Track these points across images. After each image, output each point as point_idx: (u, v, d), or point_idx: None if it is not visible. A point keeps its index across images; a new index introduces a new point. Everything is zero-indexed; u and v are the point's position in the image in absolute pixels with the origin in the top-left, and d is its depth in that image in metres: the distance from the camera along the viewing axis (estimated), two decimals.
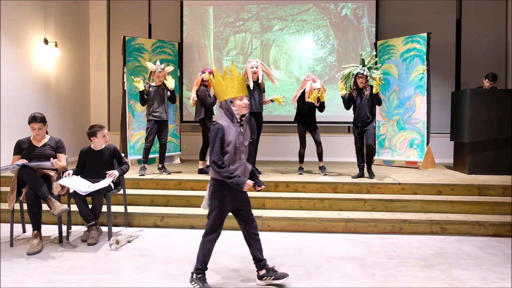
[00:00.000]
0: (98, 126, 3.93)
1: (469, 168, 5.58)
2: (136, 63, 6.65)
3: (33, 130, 3.75)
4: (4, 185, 4.76)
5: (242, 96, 2.63)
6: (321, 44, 7.54)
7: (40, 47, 6.37)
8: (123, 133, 6.60)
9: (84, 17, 7.76)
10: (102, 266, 3.16)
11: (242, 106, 2.62)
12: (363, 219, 4.12)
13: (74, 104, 7.44)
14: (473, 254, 3.47)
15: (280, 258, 3.33)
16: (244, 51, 7.67)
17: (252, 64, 5.15)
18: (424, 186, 4.68)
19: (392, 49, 6.60)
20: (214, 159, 2.58)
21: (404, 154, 6.40)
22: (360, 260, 3.30)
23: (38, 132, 3.76)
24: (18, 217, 4.11)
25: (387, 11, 7.47)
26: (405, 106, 6.40)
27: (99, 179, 3.81)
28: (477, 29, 7.28)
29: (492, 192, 4.61)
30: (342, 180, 4.84)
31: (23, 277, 2.95)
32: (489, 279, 2.93)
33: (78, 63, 7.56)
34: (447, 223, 4.05)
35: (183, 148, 7.52)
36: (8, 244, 3.67)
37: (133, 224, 4.28)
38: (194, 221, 4.24)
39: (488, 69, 6.71)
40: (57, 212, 3.46)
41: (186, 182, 4.95)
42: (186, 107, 7.72)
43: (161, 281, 2.89)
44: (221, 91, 2.64)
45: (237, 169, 2.62)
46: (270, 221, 4.16)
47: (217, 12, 7.68)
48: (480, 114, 5.56)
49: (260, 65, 5.19)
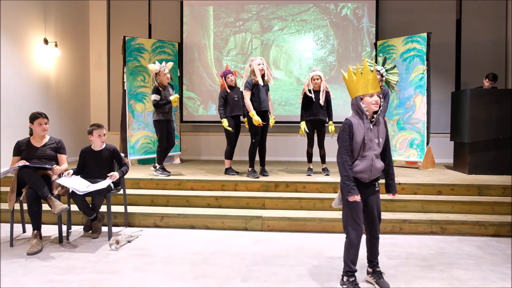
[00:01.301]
0: (96, 125, 3.94)
1: (469, 168, 5.58)
2: (136, 63, 6.66)
3: (39, 126, 3.74)
4: (4, 185, 4.76)
5: (373, 93, 2.61)
6: (321, 44, 7.54)
7: (40, 47, 6.37)
8: (123, 133, 6.60)
9: (84, 17, 7.76)
10: (102, 266, 3.16)
11: (371, 103, 2.61)
12: None
13: (74, 104, 7.44)
14: (473, 254, 3.47)
15: (280, 258, 3.33)
16: (244, 51, 7.67)
17: (258, 61, 5.08)
18: (424, 186, 4.68)
19: (392, 49, 6.60)
20: (340, 155, 2.65)
21: (404, 154, 6.40)
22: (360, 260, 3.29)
23: (44, 127, 3.76)
24: (18, 217, 4.11)
25: (387, 11, 7.47)
26: (405, 106, 6.40)
27: (98, 179, 3.81)
28: (477, 29, 7.28)
29: (492, 192, 4.61)
30: None
31: (23, 277, 2.95)
32: (489, 279, 2.93)
33: (78, 63, 7.56)
34: (447, 223, 4.05)
35: (183, 148, 7.52)
36: (8, 244, 3.67)
37: (133, 224, 4.28)
38: (194, 221, 4.24)
39: (488, 69, 6.72)
40: (57, 211, 3.46)
41: (186, 182, 4.95)
42: (186, 107, 7.73)
43: (161, 281, 2.89)
44: (352, 88, 2.68)
45: (360, 165, 2.63)
46: (270, 221, 4.16)
47: (217, 12, 7.68)
48: (480, 114, 5.56)
49: (265, 63, 5.18)
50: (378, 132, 2.68)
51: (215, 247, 3.63)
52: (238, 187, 4.87)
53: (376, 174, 2.69)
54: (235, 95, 5.37)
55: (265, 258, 3.34)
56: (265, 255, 3.41)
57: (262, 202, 4.51)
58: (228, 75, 5.35)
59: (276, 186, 4.82)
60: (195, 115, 7.70)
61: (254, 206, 4.50)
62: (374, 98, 2.61)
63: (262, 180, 4.89)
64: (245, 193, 4.72)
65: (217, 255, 3.42)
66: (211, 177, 5.13)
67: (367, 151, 2.63)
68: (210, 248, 3.60)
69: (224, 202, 4.54)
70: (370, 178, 2.67)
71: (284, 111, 7.49)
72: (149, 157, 6.71)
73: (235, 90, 5.43)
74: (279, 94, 7.53)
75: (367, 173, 2.65)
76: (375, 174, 2.68)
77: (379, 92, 2.63)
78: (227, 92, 5.32)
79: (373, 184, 2.73)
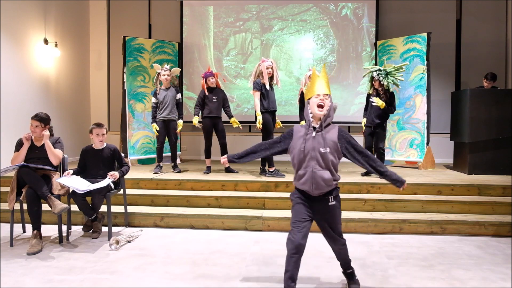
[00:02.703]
0: (95, 124, 3.95)
1: (469, 168, 5.58)
2: (136, 63, 6.66)
3: (30, 126, 3.75)
4: (4, 185, 4.76)
5: (319, 94, 2.48)
6: (321, 44, 7.54)
7: (40, 47, 6.37)
8: (123, 133, 6.60)
9: (84, 17, 7.76)
10: (102, 266, 3.16)
11: (316, 103, 2.47)
12: (363, 219, 4.12)
13: (74, 104, 7.44)
14: (473, 254, 3.47)
15: (280, 258, 3.33)
16: (244, 51, 7.67)
17: (268, 64, 5.14)
18: (424, 186, 4.68)
19: (392, 49, 6.60)
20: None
21: (404, 154, 6.40)
22: (360, 260, 3.30)
23: (34, 130, 3.72)
24: (18, 217, 4.12)
25: (387, 11, 7.47)
26: (405, 106, 6.40)
27: (98, 178, 3.82)
28: (477, 29, 7.28)
29: (492, 192, 4.61)
30: (342, 180, 4.83)
31: (23, 277, 2.95)
32: (489, 279, 2.93)
33: (78, 63, 7.56)
34: (447, 223, 4.05)
35: (183, 148, 7.52)
36: (8, 244, 3.67)
37: (133, 224, 4.28)
38: (194, 221, 4.24)
39: (488, 69, 6.71)
40: (57, 211, 3.46)
41: (186, 182, 4.95)
42: (186, 107, 7.72)
43: (161, 281, 2.89)
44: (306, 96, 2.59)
45: (301, 176, 2.49)
46: (270, 221, 4.16)
47: (217, 12, 7.68)
48: (480, 114, 5.56)
49: (275, 65, 5.24)
50: (323, 141, 2.42)
51: (215, 247, 3.63)
52: (238, 187, 4.87)
53: (321, 187, 2.41)
54: (214, 97, 5.49)
55: (265, 258, 3.34)
56: (265, 255, 3.41)
57: (262, 202, 4.51)
58: (209, 78, 5.48)
59: (276, 186, 4.82)
60: None
61: (254, 206, 4.50)
62: (320, 97, 2.44)
63: (262, 180, 4.89)
64: (245, 193, 4.72)
65: (217, 255, 3.42)
66: (211, 177, 5.13)
67: (308, 161, 2.42)
68: (210, 248, 3.60)
69: (224, 202, 4.54)
70: (314, 191, 2.41)
71: (284, 111, 7.49)
72: (149, 157, 6.71)
73: (215, 91, 5.55)
74: (279, 94, 7.52)
75: (308, 185, 2.42)
76: (320, 187, 2.41)
77: (328, 96, 2.45)
78: (205, 93, 5.47)
79: (324, 198, 2.46)
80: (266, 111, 5.15)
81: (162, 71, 5.47)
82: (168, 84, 5.51)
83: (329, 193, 2.46)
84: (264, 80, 5.11)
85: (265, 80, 5.10)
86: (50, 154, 3.75)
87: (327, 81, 2.52)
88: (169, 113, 5.46)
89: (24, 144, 3.72)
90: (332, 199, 2.47)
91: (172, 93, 5.50)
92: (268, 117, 5.18)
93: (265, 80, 5.11)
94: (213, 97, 5.48)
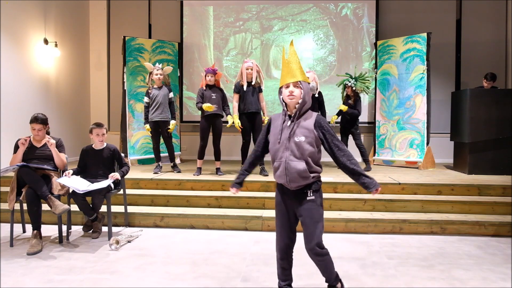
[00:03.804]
0: (95, 124, 3.95)
1: (469, 168, 5.58)
2: (136, 63, 6.66)
3: (32, 131, 3.76)
4: (4, 185, 4.76)
5: (288, 84, 2.29)
6: (321, 44, 7.54)
7: (40, 47, 6.37)
8: (123, 133, 6.60)
9: (84, 17, 7.76)
10: (102, 266, 3.16)
11: (286, 95, 2.29)
12: (363, 219, 4.12)
13: (74, 104, 7.44)
14: (473, 254, 3.47)
15: None
16: (244, 51, 7.67)
17: (248, 65, 5.20)
18: (424, 186, 4.68)
19: (392, 49, 6.60)
20: None
21: (404, 154, 6.40)
22: (360, 260, 3.30)
23: (37, 133, 3.75)
24: (18, 217, 4.12)
25: (387, 11, 7.47)
26: (405, 106, 6.40)
27: (98, 178, 3.82)
28: (477, 29, 7.28)
29: (492, 192, 4.61)
30: (342, 180, 4.84)
31: (23, 277, 2.95)
32: (489, 279, 2.93)
33: (78, 63, 7.56)
34: (447, 223, 4.05)
35: (183, 148, 7.52)
36: (8, 244, 3.67)
37: (133, 224, 4.28)
38: (194, 221, 4.24)
39: (488, 69, 6.71)
40: (58, 211, 3.46)
41: (186, 182, 4.95)
42: (186, 107, 7.73)
43: (161, 281, 2.89)
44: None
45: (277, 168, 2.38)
46: (270, 221, 4.15)
47: (217, 12, 7.68)
48: (480, 114, 5.56)
49: (255, 66, 5.25)
50: (298, 129, 2.25)
51: (215, 247, 3.63)
52: None
53: (296, 179, 2.23)
54: (213, 94, 5.41)
55: (265, 258, 3.34)
56: (265, 255, 3.41)
57: (262, 202, 4.51)
58: (208, 75, 5.36)
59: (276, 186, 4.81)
60: (195, 115, 7.69)
61: (254, 206, 4.50)
62: (289, 89, 2.25)
63: (262, 180, 4.89)
64: (245, 193, 4.71)
65: (217, 255, 3.42)
66: (211, 177, 5.13)
67: (282, 152, 2.26)
68: (210, 248, 3.60)
69: (224, 202, 4.55)
70: (290, 183, 2.25)
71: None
72: (149, 157, 6.71)
73: (214, 89, 5.43)
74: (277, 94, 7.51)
75: (283, 178, 2.27)
76: (294, 179, 2.23)
77: (299, 82, 2.25)
78: (204, 90, 5.38)
79: (303, 192, 2.28)
80: (242, 113, 5.23)
81: (155, 70, 5.45)
82: (160, 83, 5.49)
83: (308, 186, 2.27)
84: (243, 81, 5.19)
85: (244, 81, 5.19)
86: (57, 160, 3.80)
87: (297, 64, 2.29)
88: (161, 113, 5.43)
89: (20, 148, 3.71)
90: (311, 193, 2.28)
91: (164, 92, 5.48)
92: (244, 120, 5.24)
93: (243, 81, 5.19)
94: (212, 94, 5.39)
